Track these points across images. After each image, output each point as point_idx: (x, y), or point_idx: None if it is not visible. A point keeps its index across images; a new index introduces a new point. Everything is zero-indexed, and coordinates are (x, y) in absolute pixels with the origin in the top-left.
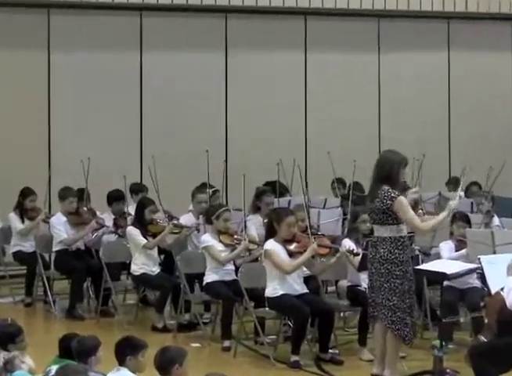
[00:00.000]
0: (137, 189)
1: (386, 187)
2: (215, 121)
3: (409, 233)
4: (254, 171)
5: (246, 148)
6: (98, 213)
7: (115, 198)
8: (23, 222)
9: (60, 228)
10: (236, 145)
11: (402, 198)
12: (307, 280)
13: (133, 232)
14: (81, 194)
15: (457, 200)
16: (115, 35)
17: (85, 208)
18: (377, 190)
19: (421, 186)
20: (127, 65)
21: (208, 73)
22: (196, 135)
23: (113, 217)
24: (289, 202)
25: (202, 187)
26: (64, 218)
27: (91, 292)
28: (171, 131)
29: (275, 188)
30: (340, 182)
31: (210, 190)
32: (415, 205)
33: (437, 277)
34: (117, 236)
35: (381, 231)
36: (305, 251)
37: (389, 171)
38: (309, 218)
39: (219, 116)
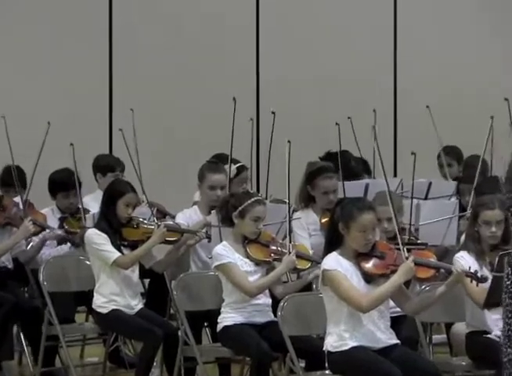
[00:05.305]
0: (105, 166)
1: None
2: (242, 57)
3: None
4: (306, 136)
5: (289, 98)
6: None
7: (63, 184)
8: None
9: None
10: (274, 94)
11: None
12: (397, 323)
13: (97, 239)
14: (8, 176)
15: None
16: None
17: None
18: None
19: None
20: None
21: None
22: (209, 73)
23: (58, 216)
24: (365, 188)
25: (217, 162)
26: None
27: (24, 343)
28: (163, 64)
29: (341, 163)
30: (451, 152)
31: (234, 167)
32: None
33: None
34: (68, 245)
35: None
36: (393, 272)
37: None
38: (396, 215)
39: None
